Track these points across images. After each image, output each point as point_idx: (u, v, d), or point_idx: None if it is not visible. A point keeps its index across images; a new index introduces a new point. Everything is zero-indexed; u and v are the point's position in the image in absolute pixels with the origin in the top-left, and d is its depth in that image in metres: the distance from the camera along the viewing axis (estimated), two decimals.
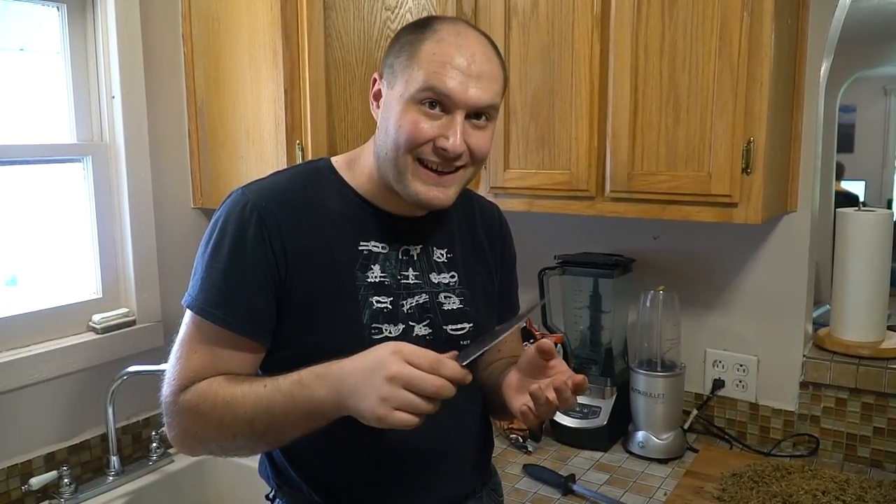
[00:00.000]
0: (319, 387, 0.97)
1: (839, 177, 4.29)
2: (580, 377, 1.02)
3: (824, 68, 1.79)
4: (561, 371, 1.06)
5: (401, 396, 0.91)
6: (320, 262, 1.09)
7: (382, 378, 0.92)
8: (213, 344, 1.06)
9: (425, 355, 0.94)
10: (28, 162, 1.81)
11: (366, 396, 0.93)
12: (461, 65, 1.04)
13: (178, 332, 1.10)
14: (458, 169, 1.09)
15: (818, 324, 2.02)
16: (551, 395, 1.02)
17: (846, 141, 4.72)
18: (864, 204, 1.79)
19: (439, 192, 1.09)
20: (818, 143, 1.83)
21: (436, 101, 1.05)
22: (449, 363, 0.95)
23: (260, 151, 1.88)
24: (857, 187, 4.49)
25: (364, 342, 1.02)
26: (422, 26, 1.09)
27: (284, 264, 1.07)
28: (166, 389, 1.07)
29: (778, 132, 1.67)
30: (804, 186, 1.83)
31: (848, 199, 4.03)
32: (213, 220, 1.10)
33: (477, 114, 1.08)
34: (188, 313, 1.09)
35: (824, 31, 1.76)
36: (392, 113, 1.08)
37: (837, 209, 1.92)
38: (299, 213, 1.10)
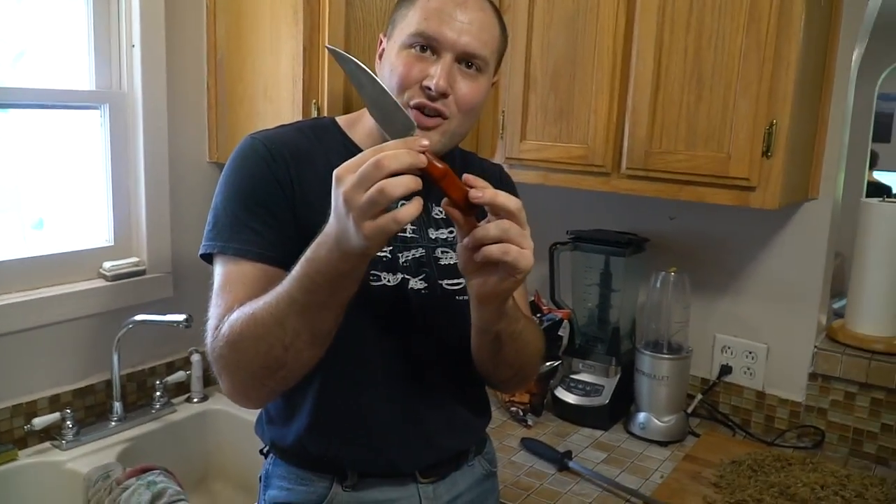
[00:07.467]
0: (321, 249, 0.92)
1: (872, 166, 4.17)
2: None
3: (856, 54, 1.72)
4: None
5: (364, 200, 0.84)
6: (325, 208, 1.09)
7: (342, 204, 0.86)
8: (249, 282, 1.05)
9: (356, 158, 0.87)
10: (46, 106, 1.82)
11: (349, 229, 0.87)
12: (451, 11, 1.08)
13: (211, 289, 1.08)
14: (440, 115, 1.09)
15: (839, 315, 1.98)
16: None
17: (884, 130, 4.58)
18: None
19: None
20: (846, 131, 1.78)
21: (426, 45, 1.08)
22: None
23: (277, 109, 1.86)
24: (892, 178, 4.37)
25: (362, 288, 0.99)
26: None
27: (293, 199, 1.10)
28: (208, 338, 1.04)
29: (804, 117, 1.62)
30: (827, 174, 1.78)
31: (879, 190, 3.93)
32: (227, 166, 1.13)
33: (468, 62, 1.09)
34: (219, 261, 1.08)
35: (859, 16, 1.69)
36: (388, 60, 1.12)
37: (862, 199, 1.86)
38: (306, 160, 1.12)
